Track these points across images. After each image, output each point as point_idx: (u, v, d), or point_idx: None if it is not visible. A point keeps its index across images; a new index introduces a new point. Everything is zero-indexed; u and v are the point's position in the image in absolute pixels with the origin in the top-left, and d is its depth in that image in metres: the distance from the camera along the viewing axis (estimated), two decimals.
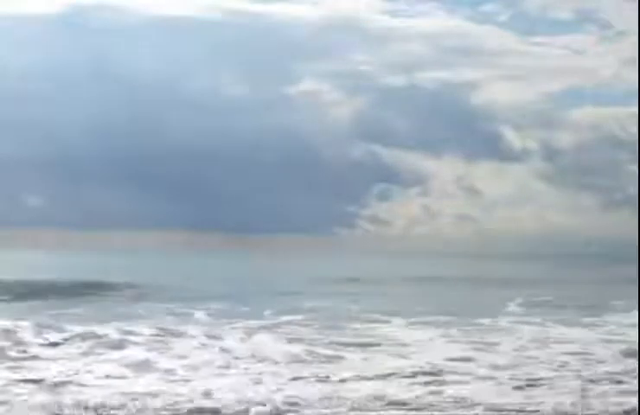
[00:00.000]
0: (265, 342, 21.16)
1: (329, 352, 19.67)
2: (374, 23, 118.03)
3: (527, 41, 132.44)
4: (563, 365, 18.27)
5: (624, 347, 20.94)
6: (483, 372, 17.25)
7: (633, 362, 18.33)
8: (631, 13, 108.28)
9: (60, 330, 22.11)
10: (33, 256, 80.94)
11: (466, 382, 16.06)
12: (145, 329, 22.32)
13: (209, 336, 21.75)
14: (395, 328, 25.34)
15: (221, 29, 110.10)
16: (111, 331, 21.87)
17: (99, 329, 22.02)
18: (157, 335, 21.57)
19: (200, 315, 28.68)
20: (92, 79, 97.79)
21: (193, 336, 21.75)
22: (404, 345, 21.39)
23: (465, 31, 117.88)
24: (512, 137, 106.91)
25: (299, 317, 27.83)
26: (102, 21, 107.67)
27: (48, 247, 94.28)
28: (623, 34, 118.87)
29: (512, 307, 33.43)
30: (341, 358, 18.96)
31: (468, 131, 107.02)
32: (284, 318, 27.43)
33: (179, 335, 21.70)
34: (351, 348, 20.29)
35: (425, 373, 16.75)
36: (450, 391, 15.05)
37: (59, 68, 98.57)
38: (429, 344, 21.68)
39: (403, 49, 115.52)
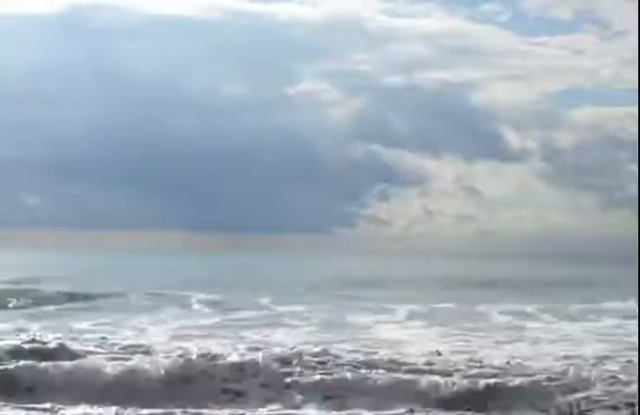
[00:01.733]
0: None
1: None
2: (373, 23, 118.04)
3: (527, 41, 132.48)
4: None
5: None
6: None
7: None
8: (631, 13, 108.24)
9: None
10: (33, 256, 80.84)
11: None
12: None
13: None
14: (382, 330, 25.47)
15: (221, 29, 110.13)
16: None
17: None
18: None
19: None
20: (92, 79, 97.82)
21: None
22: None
23: (465, 31, 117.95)
24: (512, 138, 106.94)
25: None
26: (102, 21, 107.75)
27: (46, 247, 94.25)
28: (623, 33, 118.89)
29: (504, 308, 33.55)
30: None
31: (468, 131, 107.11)
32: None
33: None
34: None
35: None
36: None
37: (58, 68, 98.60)
38: None
39: (403, 49, 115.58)
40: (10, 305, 32.74)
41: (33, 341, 18.78)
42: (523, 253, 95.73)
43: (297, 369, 16.39)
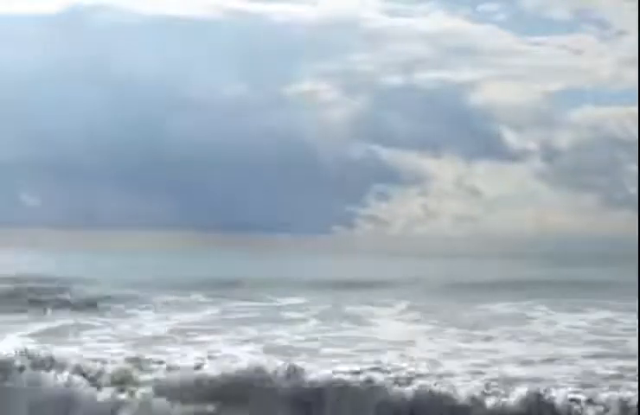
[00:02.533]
0: None
1: None
2: (372, 23, 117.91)
3: (526, 41, 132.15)
4: None
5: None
6: None
7: None
8: (631, 13, 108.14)
9: None
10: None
11: None
12: None
13: None
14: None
15: (221, 29, 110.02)
16: None
17: None
18: None
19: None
20: (91, 78, 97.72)
21: None
22: None
23: (464, 31, 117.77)
24: (511, 137, 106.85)
25: None
26: (102, 21, 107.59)
27: (45, 247, 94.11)
28: (622, 33, 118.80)
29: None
30: None
31: (467, 131, 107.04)
32: None
33: None
34: None
35: None
36: None
37: (58, 68, 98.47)
38: None
39: (402, 49, 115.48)
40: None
41: None
42: (523, 253, 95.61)
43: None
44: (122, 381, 15.45)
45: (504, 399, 14.93)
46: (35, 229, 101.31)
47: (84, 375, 15.63)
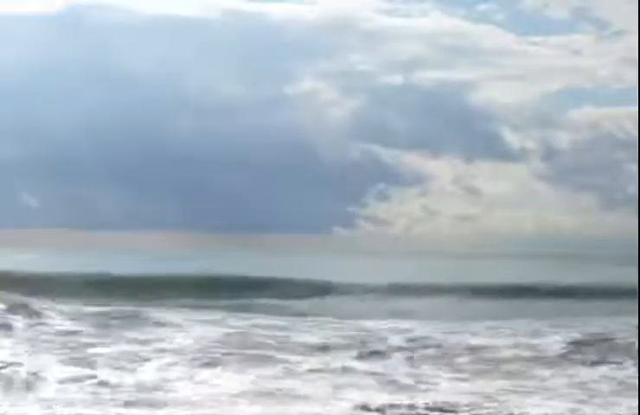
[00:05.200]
0: None
1: None
2: (371, 23, 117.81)
3: (525, 41, 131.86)
4: None
5: None
6: None
7: None
8: (631, 13, 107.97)
9: None
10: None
11: None
12: None
13: None
14: None
15: (220, 29, 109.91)
16: None
17: None
18: None
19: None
20: (91, 78, 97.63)
21: None
22: None
23: (463, 31, 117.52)
24: (511, 137, 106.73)
25: None
26: (101, 20, 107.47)
27: (46, 247, 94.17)
28: (622, 33, 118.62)
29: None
30: None
31: (467, 131, 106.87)
32: None
33: None
34: None
35: None
36: None
37: (57, 68, 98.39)
38: None
39: (401, 49, 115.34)
40: None
41: None
42: (523, 253, 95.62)
43: None
44: None
45: None
46: (32, 229, 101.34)
47: None
